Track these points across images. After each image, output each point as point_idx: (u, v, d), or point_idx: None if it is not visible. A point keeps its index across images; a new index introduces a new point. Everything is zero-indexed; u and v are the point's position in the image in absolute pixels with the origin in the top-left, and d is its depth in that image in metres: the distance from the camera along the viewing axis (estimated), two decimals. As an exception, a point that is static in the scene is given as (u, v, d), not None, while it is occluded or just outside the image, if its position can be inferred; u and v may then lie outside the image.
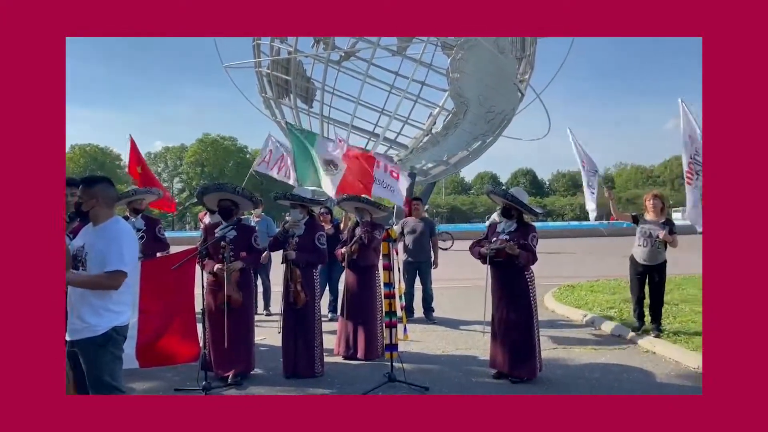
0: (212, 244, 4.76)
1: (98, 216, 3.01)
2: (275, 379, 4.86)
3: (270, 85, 24.30)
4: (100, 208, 3.01)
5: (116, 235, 2.98)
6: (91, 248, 2.95)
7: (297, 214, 5.11)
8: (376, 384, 4.49)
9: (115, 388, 2.98)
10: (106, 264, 2.87)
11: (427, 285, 7.44)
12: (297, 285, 4.94)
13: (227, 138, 60.69)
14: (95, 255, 2.92)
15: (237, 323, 4.75)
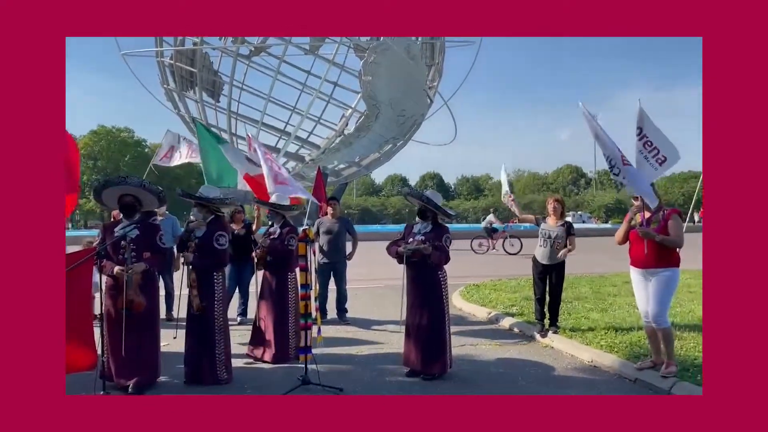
0: (111, 243, 4.42)
1: None
2: (180, 387, 4.62)
3: (173, 76, 23.09)
4: None
5: None
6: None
7: (197, 214, 4.89)
8: (290, 387, 4.41)
9: None
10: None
11: (341, 285, 7.43)
12: (193, 290, 4.73)
13: (123, 130, 56.76)
14: None
15: (139, 329, 4.45)
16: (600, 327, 6.34)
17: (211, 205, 4.95)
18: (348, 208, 60.48)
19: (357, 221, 58.90)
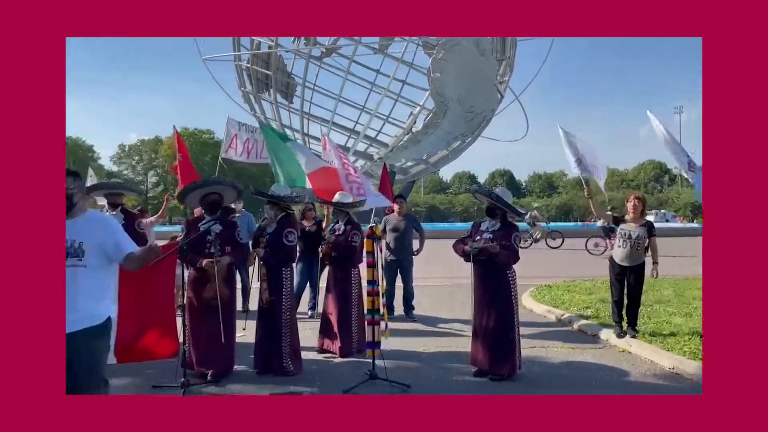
0: (197, 238, 4.66)
1: (78, 207, 2.96)
2: (253, 377, 4.82)
3: (250, 79, 24.03)
4: (82, 199, 3.00)
5: (111, 221, 3.11)
6: (84, 239, 2.88)
7: (269, 212, 5.09)
8: (357, 381, 4.48)
9: (106, 383, 2.95)
10: (123, 249, 2.97)
11: (408, 283, 7.46)
12: (263, 283, 4.94)
13: (205, 131, 59.84)
14: (95, 245, 2.89)
15: (221, 320, 4.67)
16: (683, 332, 5.96)
17: (282, 203, 5.13)
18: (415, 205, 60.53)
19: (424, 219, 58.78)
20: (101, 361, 2.95)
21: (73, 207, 2.91)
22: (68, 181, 2.91)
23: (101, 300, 2.96)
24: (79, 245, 2.87)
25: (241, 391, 4.42)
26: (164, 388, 4.41)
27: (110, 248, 2.94)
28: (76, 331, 2.82)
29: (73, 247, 2.87)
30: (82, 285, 2.85)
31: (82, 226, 2.91)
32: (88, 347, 2.86)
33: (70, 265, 2.84)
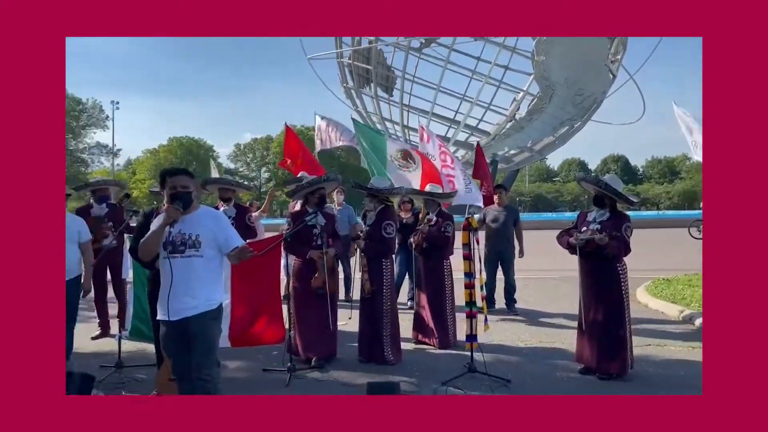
0: (303, 230, 4.87)
1: (193, 204, 3.21)
2: (355, 364, 4.96)
3: (351, 75, 24.64)
4: (197, 196, 3.26)
5: (221, 216, 3.33)
6: (199, 231, 3.13)
7: (369, 204, 5.20)
8: (456, 374, 4.45)
9: (217, 362, 3.20)
10: (231, 242, 3.17)
11: (509, 275, 7.26)
12: (364, 274, 5.03)
13: (311, 129, 62.37)
14: (209, 237, 3.13)
15: (325, 308, 4.87)
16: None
17: (381, 195, 5.21)
18: (520, 195, 58.65)
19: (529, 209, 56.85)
20: (215, 344, 3.21)
21: (191, 203, 3.17)
22: (185, 179, 3.20)
23: (215, 288, 3.22)
24: (196, 237, 3.12)
25: (341, 377, 4.57)
26: (272, 372, 4.69)
27: (221, 241, 3.18)
28: (195, 315, 3.09)
29: (191, 239, 3.12)
30: (198, 274, 3.11)
31: (197, 220, 3.17)
32: (204, 330, 3.12)
33: (188, 255, 3.10)
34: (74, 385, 3.65)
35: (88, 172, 35.34)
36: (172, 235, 3.12)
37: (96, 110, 36.34)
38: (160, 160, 51.83)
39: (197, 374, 3.10)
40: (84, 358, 5.11)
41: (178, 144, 59.73)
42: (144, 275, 4.63)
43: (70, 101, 34.41)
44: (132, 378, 4.54)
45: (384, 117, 25.59)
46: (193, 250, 3.11)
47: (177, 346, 3.16)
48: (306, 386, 4.38)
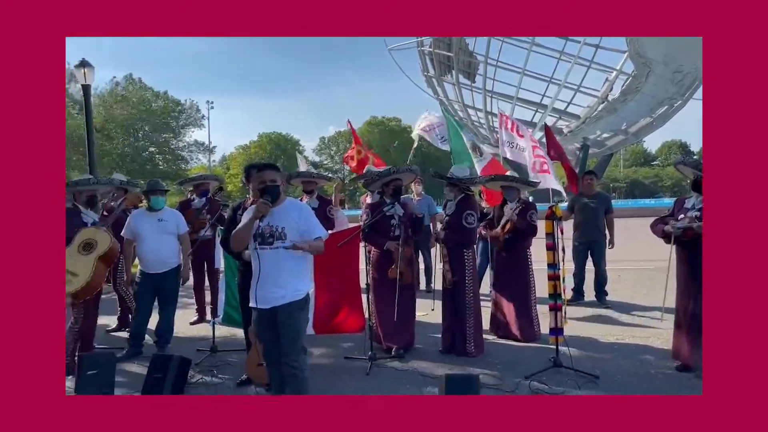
0: (381, 221, 4.91)
1: (281, 197, 3.33)
2: (435, 355, 4.94)
3: (432, 63, 24.43)
4: (283, 190, 3.37)
5: (305, 208, 3.41)
6: (286, 224, 3.25)
7: (449, 194, 5.11)
8: (541, 368, 4.30)
9: (303, 349, 3.32)
10: (312, 233, 3.27)
11: (600, 266, 6.89)
12: (445, 265, 4.95)
13: (392, 119, 62.82)
14: (294, 229, 3.25)
15: (404, 298, 4.89)
16: None
17: (461, 184, 5.12)
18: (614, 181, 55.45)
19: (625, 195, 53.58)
20: (302, 332, 3.32)
21: (279, 197, 3.29)
22: (273, 173, 3.31)
23: (302, 278, 3.33)
24: (282, 229, 3.24)
25: (421, 367, 4.57)
26: (354, 360, 4.79)
27: (303, 231, 3.27)
28: (282, 305, 3.22)
29: (278, 231, 3.25)
30: (285, 264, 3.23)
31: (283, 213, 3.29)
32: (290, 319, 3.24)
33: (276, 246, 3.23)
34: (174, 367, 3.95)
35: (188, 169, 37.93)
36: (260, 227, 3.26)
37: (193, 110, 38.82)
38: (251, 156, 54.54)
39: (285, 360, 3.25)
40: (182, 341, 5.51)
41: (267, 139, 62.50)
42: (234, 265, 4.90)
43: (170, 103, 37.01)
44: (224, 362, 4.82)
45: (466, 104, 25.17)
46: (279, 242, 3.23)
47: (267, 332, 3.32)
48: (386, 375, 4.43)
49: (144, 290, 5.16)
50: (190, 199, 6.67)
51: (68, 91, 29.92)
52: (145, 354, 4.97)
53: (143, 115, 34.49)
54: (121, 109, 32.97)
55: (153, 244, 5.09)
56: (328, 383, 4.23)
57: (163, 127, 36.29)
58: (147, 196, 5.29)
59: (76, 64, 11.30)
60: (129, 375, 4.50)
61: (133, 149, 33.74)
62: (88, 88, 11.35)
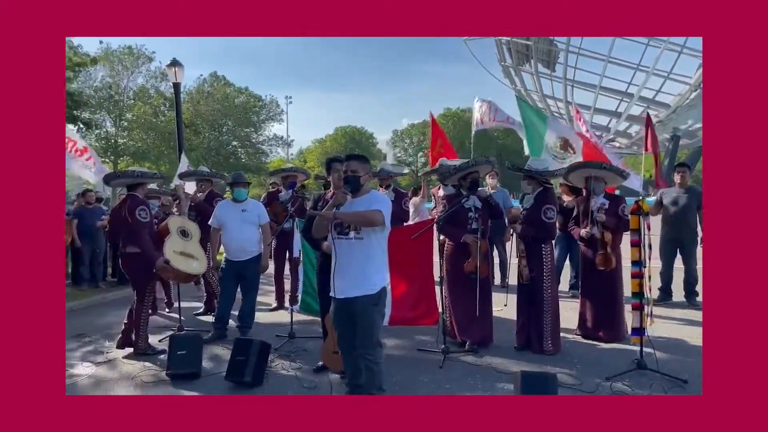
0: (457, 214, 4.87)
1: (364, 188, 3.36)
2: (511, 351, 4.84)
3: (510, 52, 23.80)
4: (368, 181, 3.39)
5: (381, 200, 3.37)
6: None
7: (526, 187, 4.95)
8: (622, 370, 4.11)
9: (378, 343, 3.36)
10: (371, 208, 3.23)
11: (690, 265, 6.44)
12: (521, 260, 4.82)
13: (467, 111, 61.86)
14: None
15: (480, 293, 4.82)
16: None
17: (540, 177, 4.96)
18: (708, 174, 51.57)
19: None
20: (375, 325, 3.32)
21: (361, 187, 3.32)
22: (355, 164, 3.34)
23: (376, 271, 3.32)
24: None
25: (496, 363, 4.50)
26: (427, 352, 4.79)
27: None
28: (356, 296, 3.26)
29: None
30: (360, 256, 3.26)
31: (362, 204, 3.30)
32: (364, 312, 3.27)
33: (351, 237, 3.27)
34: (255, 351, 4.14)
35: (268, 162, 39.43)
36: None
37: (273, 105, 40.24)
38: (327, 149, 55.79)
39: (360, 352, 3.30)
40: (262, 327, 5.76)
41: (342, 133, 63.59)
42: (313, 255, 5.05)
43: (251, 98, 38.59)
44: (302, 348, 4.99)
45: (545, 94, 24.32)
46: (354, 233, 3.26)
47: (342, 322, 3.37)
48: (460, 369, 4.40)
49: (228, 277, 5.45)
50: (278, 190, 6.93)
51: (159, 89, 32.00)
52: (228, 337, 5.26)
53: (227, 110, 36.19)
54: (206, 105, 34.77)
55: (236, 233, 5.35)
56: (403, 374, 4.27)
57: (245, 122, 37.91)
58: (231, 188, 5.56)
59: (168, 64, 12.02)
60: (214, 356, 4.77)
61: (217, 143, 35.53)
62: (178, 86, 12.05)
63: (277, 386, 4.12)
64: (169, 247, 4.86)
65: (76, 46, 14.87)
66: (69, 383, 4.29)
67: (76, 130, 15.97)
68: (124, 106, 32.12)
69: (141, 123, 31.17)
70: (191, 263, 4.96)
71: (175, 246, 4.92)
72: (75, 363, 4.82)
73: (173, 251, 4.86)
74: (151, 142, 30.61)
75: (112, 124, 32.09)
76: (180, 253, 4.91)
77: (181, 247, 4.94)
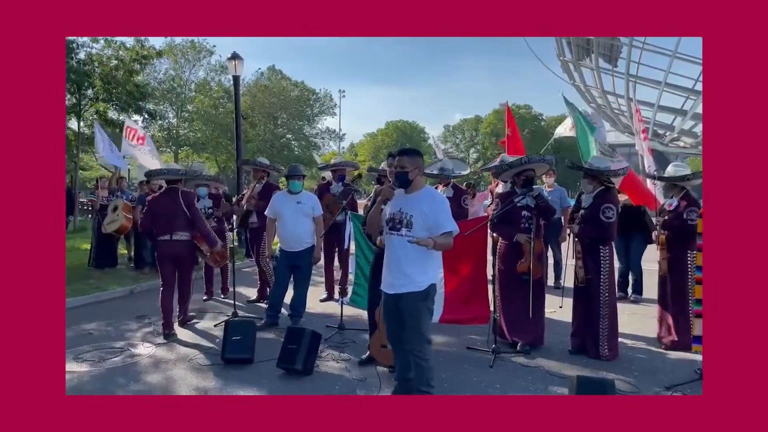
0: (511, 212, 4.76)
1: (416, 183, 3.32)
2: (564, 354, 4.71)
3: (569, 46, 23.10)
4: (419, 176, 3.34)
5: (439, 199, 3.33)
6: (414, 212, 3.25)
7: (587, 186, 4.77)
8: (683, 380, 3.91)
9: (426, 339, 3.34)
10: (440, 226, 3.19)
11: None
12: (578, 261, 4.65)
13: (522, 106, 60.60)
14: (421, 218, 3.22)
15: (533, 294, 4.71)
16: None
17: (601, 176, 4.77)
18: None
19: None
20: (424, 322, 3.30)
21: (410, 183, 3.28)
22: (404, 160, 3.30)
23: (426, 269, 3.29)
24: (410, 218, 3.25)
25: (548, 366, 4.38)
26: (477, 351, 4.73)
27: (431, 223, 3.21)
28: (403, 293, 3.25)
29: (405, 219, 3.26)
30: (409, 253, 3.22)
31: (415, 201, 3.28)
32: (412, 309, 3.25)
33: (402, 233, 3.25)
34: (306, 340, 4.21)
35: (320, 155, 39.95)
36: (392, 212, 3.30)
37: (327, 99, 40.68)
38: (378, 143, 56.00)
39: (408, 348, 3.29)
40: (313, 317, 5.85)
41: (393, 127, 63.66)
42: (368, 248, 5.08)
43: (306, 92, 39.15)
44: (350, 340, 5.03)
45: (606, 90, 23.47)
46: (406, 230, 3.24)
47: (391, 317, 3.37)
48: (510, 370, 4.32)
49: (282, 266, 5.56)
50: (329, 183, 7.02)
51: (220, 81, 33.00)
52: (280, 326, 5.38)
53: (282, 103, 36.90)
54: (263, 98, 35.58)
55: (290, 224, 5.45)
56: (451, 372, 4.23)
57: (299, 115, 38.53)
58: (287, 180, 5.67)
59: (228, 57, 12.37)
60: (266, 343, 4.88)
61: (272, 135, 36.32)
62: (237, 79, 12.38)
63: (326, 376, 4.18)
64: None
65: (143, 39, 15.46)
66: (131, 362, 4.51)
67: (141, 120, 16.73)
68: (185, 97, 33.31)
69: (201, 114, 32.25)
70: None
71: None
72: (137, 343, 5.06)
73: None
74: (209, 133, 31.63)
75: (174, 115, 33.36)
76: None
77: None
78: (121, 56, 14.85)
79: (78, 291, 7.02)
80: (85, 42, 14.42)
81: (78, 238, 12.55)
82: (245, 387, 3.96)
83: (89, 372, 4.28)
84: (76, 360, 4.55)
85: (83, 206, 17.14)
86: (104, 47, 14.68)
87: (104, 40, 14.58)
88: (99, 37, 14.44)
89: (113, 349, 4.85)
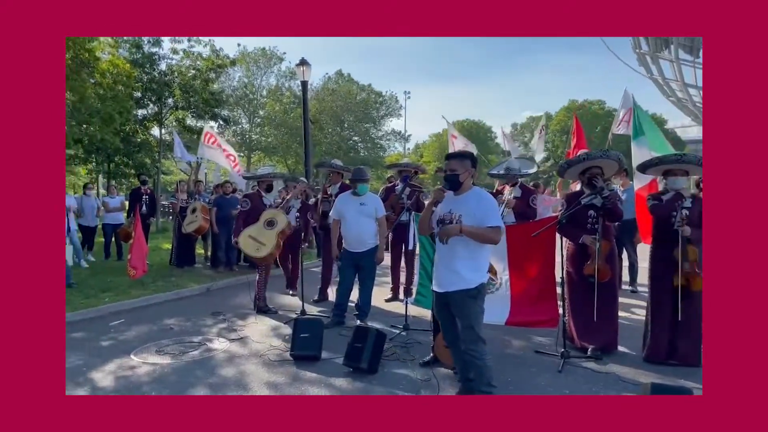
0: (578, 212, 4.60)
1: (465, 185, 3.40)
2: (637, 360, 4.48)
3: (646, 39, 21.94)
4: (468, 178, 3.41)
5: (486, 197, 3.41)
6: (463, 211, 3.33)
7: (681, 183, 4.48)
8: None
9: (480, 338, 3.35)
10: (485, 221, 3.28)
11: None
12: (694, 267, 4.23)
13: (595, 102, 58.19)
14: (470, 215, 3.30)
15: (601, 296, 4.54)
16: None
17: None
18: None
19: None
20: (475, 321, 3.35)
21: (460, 185, 3.38)
22: (454, 163, 3.40)
23: (475, 267, 3.35)
24: (459, 217, 3.33)
25: (621, 372, 4.19)
26: (545, 355, 4.60)
27: (478, 219, 3.29)
28: (454, 291, 3.34)
29: (455, 219, 3.34)
30: (458, 252, 3.32)
31: (463, 201, 3.38)
32: (462, 307, 3.34)
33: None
34: (372, 339, 4.28)
35: (386, 156, 40.25)
36: (442, 213, 3.41)
37: (392, 101, 40.93)
38: (443, 143, 55.62)
39: (463, 347, 3.38)
40: (378, 316, 5.92)
41: (459, 127, 62.88)
42: (431, 248, 5.08)
43: (372, 94, 39.59)
44: (415, 340, 5.05)
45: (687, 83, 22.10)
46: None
47: (443, 315, 3.48)
48: (580, 375, 4.18)
49: (346, 266, 5.67)
50: (395, 184, 7.10)
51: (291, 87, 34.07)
52: (345, 324, 5.49)
53: (349, 106, 37.54)
54: (331, 101, 36.35)
55: (354, 225, 5.56)
56: (519, 375, 4.15)
57: (365, 118, 39.04)
58: (353, 183, 5.78)
59: (297, 63, 12.75)
60: (333, 341, 5.00)
61: (339, 138, 37.02)
62: (305, 84, 12.75)
63: (390, 375, 4.22)
64: (246, 231, 6.02)
65: (218, 49, 16.25)
66: (208, 356, 4.76)
67: (217, 126, 17.59)
68: (257, 103, 34.63)
69: (271, 119, 33.42)
70: (259, 248, 5.94)
71: (251, 231, 6.01)
72: (212, 338, 5.33)
73: (248, 235, 5.99)
74: (280, 138, 32.70)
75: (246, 121, 34.77)
76: (250, 237, 5.97)
77: (256, 233, 5.98)
78: (198, 66, 15.67)
79: (161, 288, 7.49)
80: (166, 54, 15.35)
81: (160, 239, 13.39)
82: (313, 383, 4.08)
83: (170, 364, 4.56)
84: (159, 353, 4.86)
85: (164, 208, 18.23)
86: (183, 58, 15.55)
87: (183, 51, 15.44)
88: (178, 48, 15.31)
89: (192, 344, 5.14)
